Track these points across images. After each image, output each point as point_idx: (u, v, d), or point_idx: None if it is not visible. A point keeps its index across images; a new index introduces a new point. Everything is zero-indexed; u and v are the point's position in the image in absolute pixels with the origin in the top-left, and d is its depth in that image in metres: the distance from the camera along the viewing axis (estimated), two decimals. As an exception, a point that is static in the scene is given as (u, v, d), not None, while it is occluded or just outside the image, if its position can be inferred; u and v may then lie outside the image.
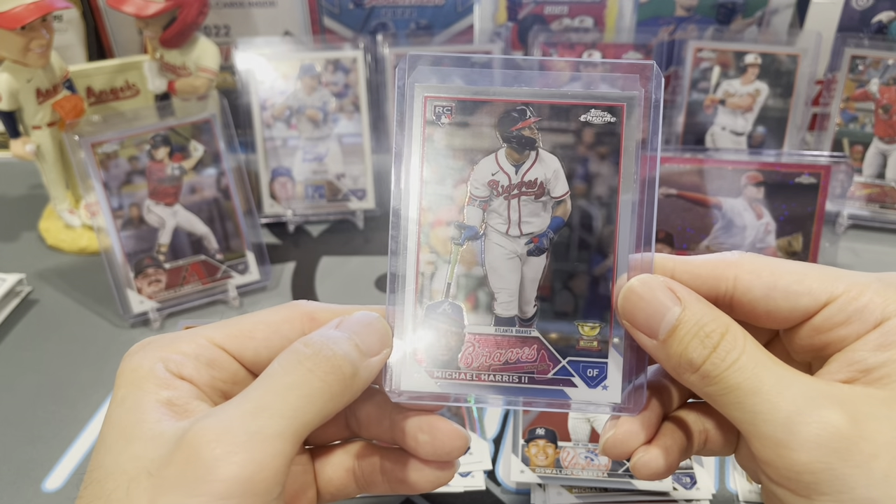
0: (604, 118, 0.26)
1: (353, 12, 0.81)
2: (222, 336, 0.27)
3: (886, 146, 0.75)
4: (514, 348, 0.26)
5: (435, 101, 0.26)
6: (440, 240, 0.26)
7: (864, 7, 0.78)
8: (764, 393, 0.23)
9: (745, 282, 0.26)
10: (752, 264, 0.27)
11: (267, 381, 0.24)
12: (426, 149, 0.26)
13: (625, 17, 0.81)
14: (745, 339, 0.25)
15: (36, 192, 0.81)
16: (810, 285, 0.26)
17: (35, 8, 0.60)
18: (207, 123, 0.64)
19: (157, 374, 0.25)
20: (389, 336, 0.27)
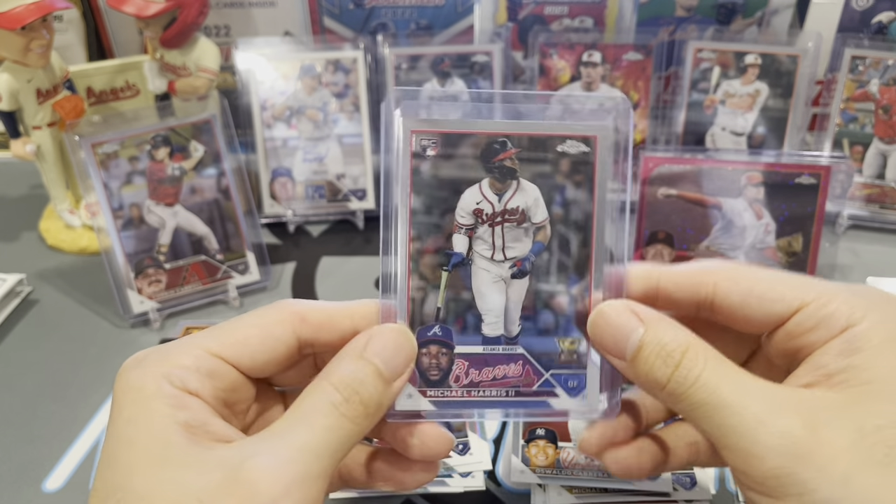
0: (579, 148, 0.28)
1: (353, 12, 0.81)
2: (218, 345, 0.27)
3: (886, 146, 0.75)
4: (501, 365, 0.29)
5: (421, 136, 0.28)
6: (429, 267, 0.28)
7: (864, 7, 0.79)
8: (727, 407, 0.24)
9: (723, 288, 0.28)
10: (730, 272, 0.28)
11: (307, 422, 0.25)
12: (413, 180, 0.28)
13: (625, 18, 0.81)
14: (707, 354, 0.26)
15: (36, 192, 0.81)
16: (783, 292, 0.27)
17: (35, 8, 0.60)
18: (208, 124, 0.64)
19: (165, 392, 0.25)
20: (414, 353, 0.28)
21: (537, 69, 0.77)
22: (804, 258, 0.65)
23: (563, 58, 0.77)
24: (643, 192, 0.65)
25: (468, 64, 0.76)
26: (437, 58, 0.76)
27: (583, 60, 0.77)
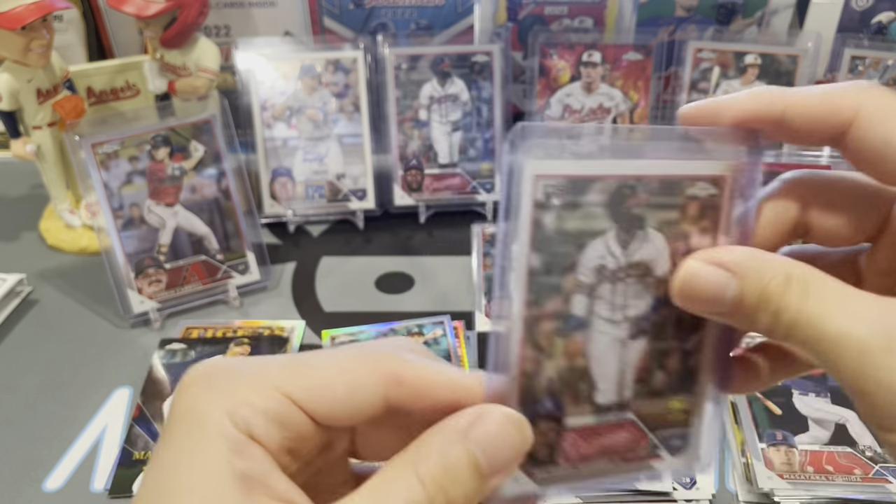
0: (707, 191, 0.25)
1: (353, 13, 0.81)
2: (297, 389, 0.23)
3: (886, 147, 0.75)
4: (611, 434, 0.26)
5: (546, 181, 0.23)
6: (545, 335, 0.24)
7: (864, 8, 0.79)
8: (834, 341, 0.22)
9: (864, 123, 0.23)
10: (879, 102, 0.23)
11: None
12: (535, 235, 0.23)
13: (625, 18, 0.81)
14: (808, 283, 0.22)
15: (36, 192, 0.81)
16: None
17: (35, 8, 0.60)
18: (208, 124, 0.64)
19: (227, 433, 0.21)
20: (525, 447, 0.23)
21: (537, 69, 0.77)
22: (804, 258, 0.65)
23: (562, 58, 0.77)
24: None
25: (468, 64, 0.76)
26: (436, 58, 0.76)
27: (583, 60, 0.77)
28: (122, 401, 0.56)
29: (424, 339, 0.60)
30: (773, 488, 0.48)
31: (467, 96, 0.77)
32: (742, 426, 0.52)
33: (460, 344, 0.60)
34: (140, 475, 0.51)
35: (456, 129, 0.77)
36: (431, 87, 0.76)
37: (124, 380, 0.58)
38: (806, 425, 0.52)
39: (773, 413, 0.53)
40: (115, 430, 0.54)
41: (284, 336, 0.62)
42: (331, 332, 0.62)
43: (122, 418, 0.55)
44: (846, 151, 0.23)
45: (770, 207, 0.26)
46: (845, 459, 0.50)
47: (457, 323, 0.62)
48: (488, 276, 0.69)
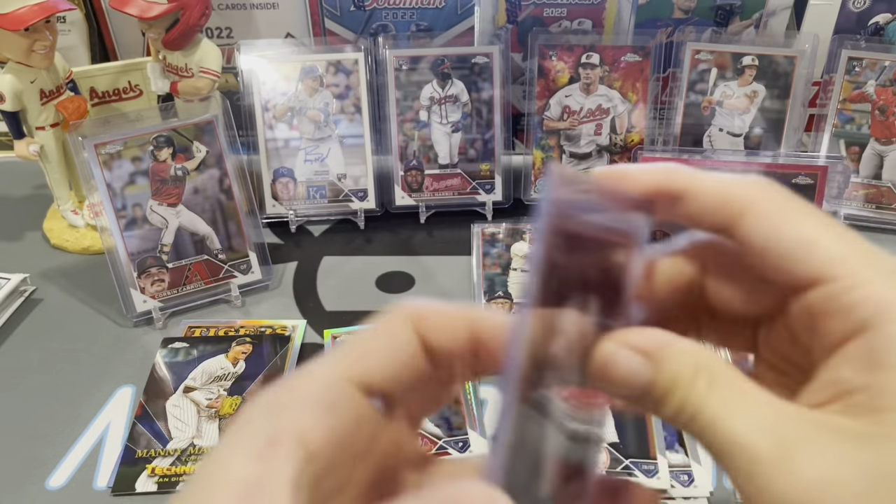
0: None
1: (353, 14, 0.82)
2: (346, 366, 0.22)
3: (883, 147, 0.76)
4: None
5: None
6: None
7: (861, 9, 0.79)
8: (730, 445, 0.21)
9: (749, 219, 0.23)
10: (763, 200, 0.23)
11: None
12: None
13: (623, 20, 0.82)
14: (712, 377, 0.22)
15: (40, 192, 0.82)
16: (812, 252, 0.22)
17: (39, 9, 0.61)
18: (210, 124, 0.65)
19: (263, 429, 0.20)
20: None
21: (536, 71, 0.78)
22: (801, 258, 0.65)
23: (561, 59, 0.77)
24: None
25: (468, 65, 0.77)
26: (437, 59, 0.76)
27: (581, 62, 0.77)
28: (125, 399, 0.57)
29: (425, 338, 0.60)
30: (769, 485, 0.48)
31: (467, 97, 0.77)
32: (739, 424, 0.53)
33: (460, 343, 0.60)
34: (142, 473, 0.51)
35: (456, 130, 0.78)
36: (432, 89, 0.77)
37: (127, 378, 0.58)
38: (803, 423, 0.52)
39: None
40: (117, 428, 0.55)
41: (286, 335, 0.62)
42: (332, 332, 0.63)
43: (125, 417, 0.55)
44: (736, 242, 0.23)
45: (668, 264, 0.25)
46: (841, 457, 0.50)
47: (457, 322, 0.62)
48: (488, 276, 0.69)
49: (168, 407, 0.56)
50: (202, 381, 0.58)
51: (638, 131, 0.79)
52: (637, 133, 0.79)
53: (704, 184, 0.24)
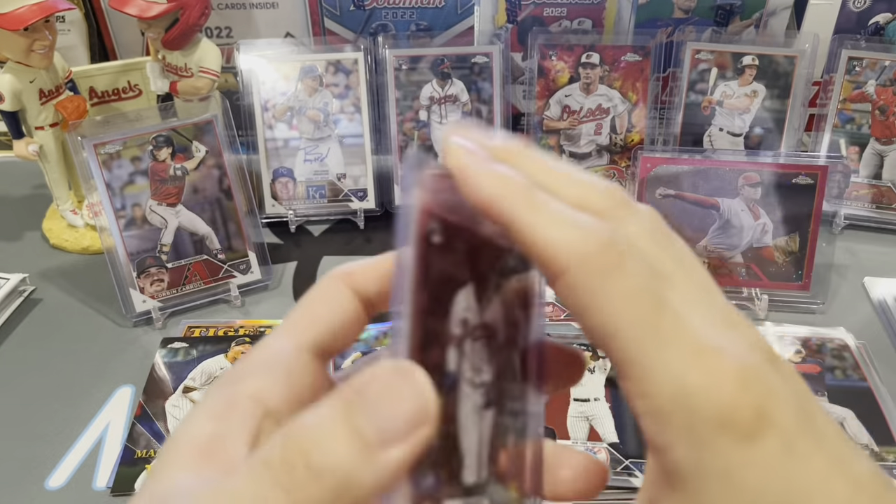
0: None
1: (353, 14, 0.82)
2: (297, 330, 0.23)
3: (883, 147, 0.76)
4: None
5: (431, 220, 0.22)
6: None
7: (861, 9, 0.79)
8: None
9: (569, 281, 0.21)
10: (583, 269, 0.20)
11: (224, 480, 0.18)
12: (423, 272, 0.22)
13: (623, 19, 0.82)
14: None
15: (39, 192, 0.82)
16: (610, 342, 0.20)
17: (38, 9, 0.61)
18: (209, 124, 0.65)
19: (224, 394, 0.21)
20: (429, 406, 0.18)
21: (536, 70, 0.77)
22: (801, 258, 0.65)
23: (561, 59, 0.77)
24: (641, 192, 0.66)
25: (468, 65, 0.77)
26: (437, 59, 0.76)
27: (581, 62, 0.77)
28: (125, 399, 0.57)
29: (424, 338, 0.60)
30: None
31: (467, 97, 0.77)
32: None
33: (460, 343, 0.60)
34: (141, 473, 0.51)
35: (456, 130, 0.77)
36: (431, 88, 0.77)
37: (126, 378, 0.58)
38: (803, 423, 0.52)
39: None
40: (117, 428, 0.54)
41: (285, 335, 0.62)
42: (331, 332, 0.63)
43: (125, 417, 0.55)
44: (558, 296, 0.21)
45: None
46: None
47: (456, 322, 0.62)
48: (488, 276, 0.69)
49: (167, 407, 0.56)
50: (202, 382, 0.58)
51: (638, 131, 0.78)
52: (637, 133, 0.78)
53: (530, 225, 0.21)
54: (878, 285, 0.67)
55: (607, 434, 0.51)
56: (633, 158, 0.68)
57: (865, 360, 0.58)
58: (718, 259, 0.66)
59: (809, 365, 0.57)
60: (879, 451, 0.50)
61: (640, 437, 0.51)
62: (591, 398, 0.54)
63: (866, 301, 0.67)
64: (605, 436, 0.51)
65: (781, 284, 0.65)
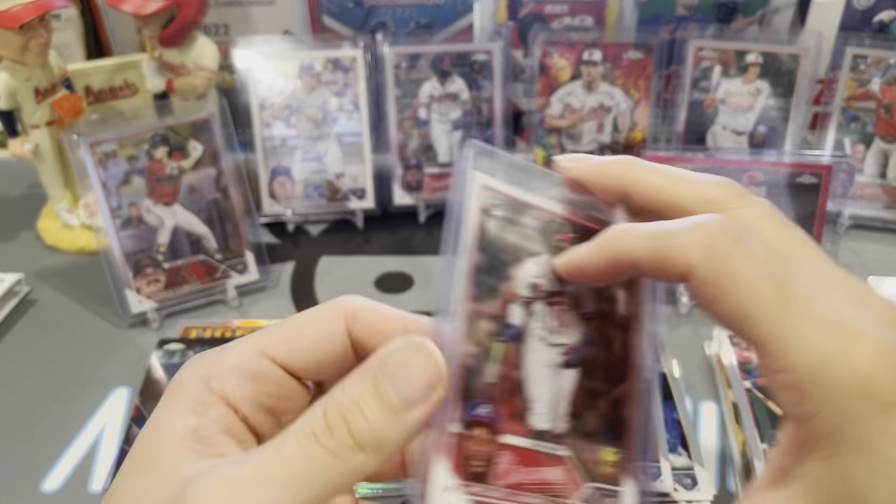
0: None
1: (352, 11, 0.81)
2: (268, 343, 0.25)
3: (888, 145, 0.75)
4: (546, 467, 0.25)
5: (491, 193, 0.26)
6: (484, 333, 0.25)
7: (866, 6, 0.78)
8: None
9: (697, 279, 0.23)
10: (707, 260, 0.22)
11: (274, 448, 0.21)
12: (479, 236, 0.26)
13: (625, 17, 0.81)
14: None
15: (34, 191, 0.81)
16: (745, 328, 0.22)
17: (33, 7, 0.60)
18: (206, 123, 0.64)
19: (196, 393, 0.23)
20: (441, 371, 0.22)
21: (537, 68, 0.77)
22: (805, 258, 0.65)
23: (563, 56, 0.77)
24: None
25: (468, 63, 0.76)
26: (437, 56, 0.76)
27: (583, 59, 0.76)
28: (121, 401, 0.56)
29: (424, 339, 0.60)
30: (774, 489, 0.47)
31: (467, 95, 0.76)
32: (743, 426, 0.52)
33: (460, 344, 0.60)
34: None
35: (456, 128, 0.77)
36: (431, 86, 0.76)
37: (122, 380, 0.58)
38: (808, 426, 0.52)
39: (775, 413, 0.53)
40: (113, 430, 0.54)
41: (283, 336, 0.62)
42: (330, 332, 0.62)
43: (121, 418, 0.55)
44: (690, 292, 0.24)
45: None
46: (847, 460, 0.49)
47: (457, 323, 0.62)
48: (488, 276, 0.68)
49: (164, 409, 0.55)
50: (198, 383, 0.57)
51: (640, 129, 0.78)
52: (640, 131, 0.78)
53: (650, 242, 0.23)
54: (883, 285, 0.66)
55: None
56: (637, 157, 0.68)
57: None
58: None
59: (814, 366, 0.56)
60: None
61: (642, 439, 0.51)
62: (592, 400, 0.54)
63: (871, 301, 0.66)
64: (607, 439, 0.51)
65: (785, 285, 0.65)
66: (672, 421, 0.53)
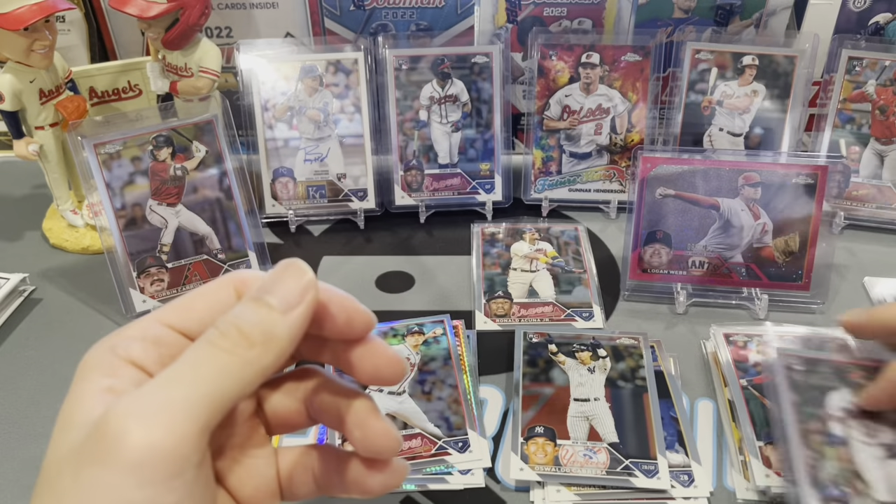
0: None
1: (353, 14, 0.82)
2: (166, 314, 0.27)
3: (883, 147, 0.76)
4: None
5: (788, 358, 0.49)
6: (815, 441, 0.43)
7: (861, 9, 0.79)
8: None
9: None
10: None
11: (177, 362, 0.24)
12: (789, 384, 0.46)
13: (623, 19, 0.82)
14: None
15: (39, 191, 0.82)
16: None
17: (38, 9, 0.61)
18: (209, 124, 0.65)
19: (105, 362, 0.26)
20: (309, 277, 0.26)
21: (536, 70, 0.78)
22: (801, 258, 0.65)
23: (561, 59, 0.77)
24: (641, 191, 0.66)
25: (468, 65, 0.77)
26: (437, 59, 0.76)
27: (581, 61, 0.77)
28: (125, 399, 0.57)
29: (424, 339, 0.60)
30: (770, 486, 0.48)
31: (467, 97, 0.77)
32: (740, 424, 0.53)
33: (460, 343, 0.60)
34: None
35: (456, 130, 0.78)
36: (431, 88, 0.77)
37: (127, 378, 0.58)
38: (803, 423, 0.52)
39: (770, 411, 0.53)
40: (117, 428, 0.54)
41: (285, 335, 0.62)
42: (331, 331, 0.63)
43: (125, 416, 0.55)
44: None
45: None
46: (842, 457, 0.50)
47: (456, 322, 0.62)
48: (488, 276, 0.69)
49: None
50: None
51: (638, 131, 0.78)
52: (637, 133, 0.79)
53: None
54: (879, 285, 0.67)
55: (607, 434, 0.52)
56: (633, 158, 0.68)
57: (865, 360, 0.58)
58: (718, 259, 0.66)
59: (809, 365, 0.57)
60: (879, 451, 0.50)
61: (639, 437, 0.51)
62: (591, 398, 0.54)
63: (866, 301, 0.67)
64: (605, 436, 0.51)
65: (781, 284, 0.66)
66: (669, 418, 0.53)
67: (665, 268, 0.66)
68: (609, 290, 0.68)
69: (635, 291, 0.67)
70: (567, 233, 0.75)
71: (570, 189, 0.80)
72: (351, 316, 0.27)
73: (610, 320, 0.65)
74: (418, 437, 0.52)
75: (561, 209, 0.80)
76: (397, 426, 0.53)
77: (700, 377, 0.58)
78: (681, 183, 0.66)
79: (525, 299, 0.66)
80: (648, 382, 0.55)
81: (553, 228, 0.75)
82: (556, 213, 0.79)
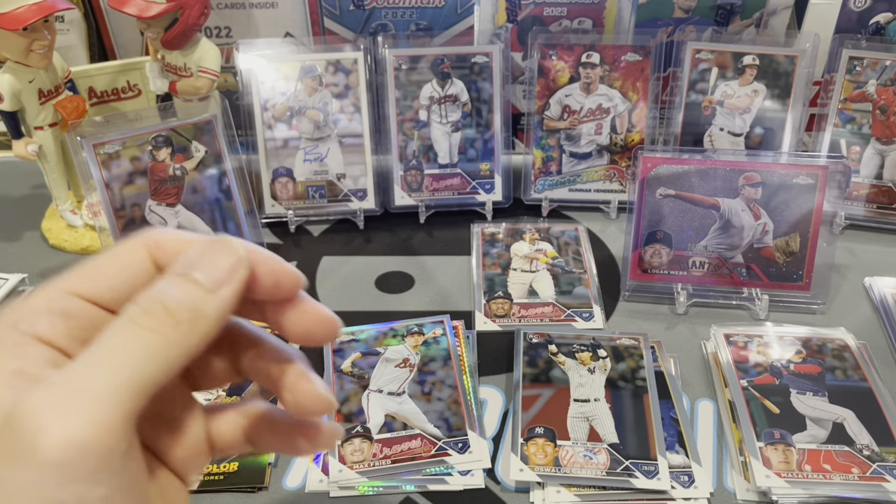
0: None
1: (353, 14, 0.81)
2: (72, 282, 0.25)
3: (884, 147, 0.76)
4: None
5: None
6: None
7: (862, 8, 0.79)
8: None
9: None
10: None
11: (97, 345, 0.22)
12: None
13: (623, 19, 0.82)
14: None
15: (38, 192, 0.82)
16: None
17: (37, 9, 0.61)
18: (209, 124, 0.65)
19: (9, 340, 0.23)
20: (241, 254, 0.24)
21: (536, 70, 0.77)
22: (801, 258, 0.65)
23: (562, 59, 0.77)
24: (641, 192, 0.66)
25: (468, 65, 0.77)
26: (436, 59, 0.76)
27: (582, 61, 0.77)
28: (124, 400, 0.57)
29: (424, 339, 0.60)
30: (770, 487, 0.48)
31: (467, 97, 0.77)
32: (740, 425, 0.52)
33: (460, 343, 0.60)
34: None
35: (456, 130, 0.77)
36: (431, 88, 0.77)
37: (126, 379, 0.58)
38: (804, 424, 0.52)
39: (771, 412, 0.53)
40: (116, 428, 0.54)
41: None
42: (331, 332, 0.63)
43: (124, 417, 0.55)
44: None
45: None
46: (843, 458, 0.50)
47: (456, 322, 0.62)
48: (488, 276, 0.69)
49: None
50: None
51: (638, 131, 0.78)
52: (637, 132, 0.78)
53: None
54: (879, 285, 0.67)
55: (607, 434, 0.51)
56: (634, 158, 0.68)
57: (866, 360, 0.58)
58: (719, 259, 0.66)
59: (810, 365, 0.57)
60: (879, 451, 0.50)
61: (639, 437, 0.51)
62: (591, 399, 0.54)
63: (867, 301, 0.67)
64: (605, 436, 0.51)
65: (782, 284, 0.65)
66: (669, 419, 0.53)
67: (665, 268, 0.66)
68: (609, 290, 0.68)
69: (635, 292, 0.67)
70: (567, 233, 0.75)
71: (571, 189, 0.79)
72: (278, 277, 0.26)
73: (610, 321, 0.64)
74: (418, 437, 0.52)
75: (561, 209, 0.80)
76: (397, 427, 0.53)
77: (700, 378, 0.58)
78: (681, 183, 0.66)
79: (525, 299, 0.66)
80: (649, 383, 0.55)
81: (553, 228, 0.75)
82: (556, 213, 0.79)
